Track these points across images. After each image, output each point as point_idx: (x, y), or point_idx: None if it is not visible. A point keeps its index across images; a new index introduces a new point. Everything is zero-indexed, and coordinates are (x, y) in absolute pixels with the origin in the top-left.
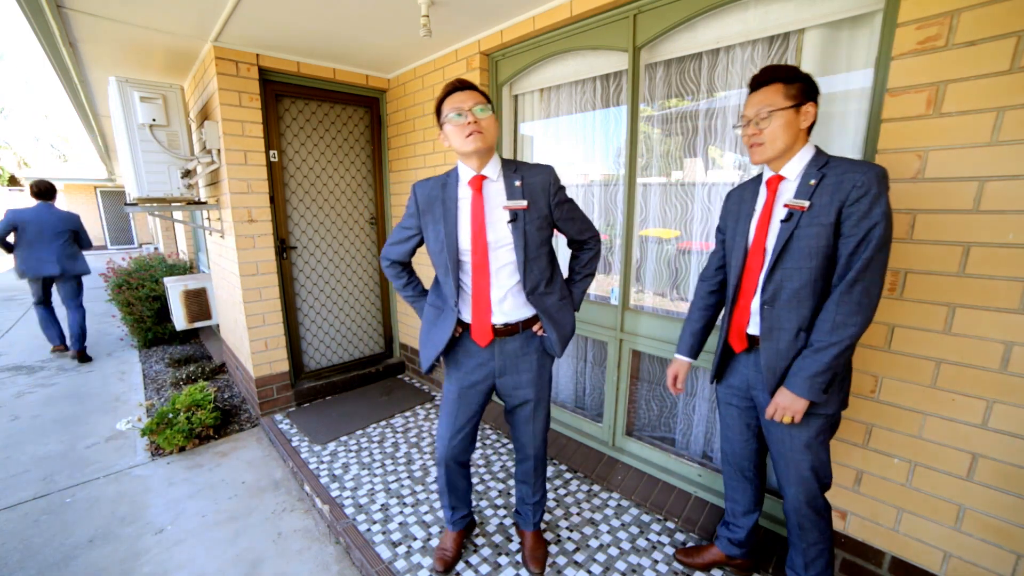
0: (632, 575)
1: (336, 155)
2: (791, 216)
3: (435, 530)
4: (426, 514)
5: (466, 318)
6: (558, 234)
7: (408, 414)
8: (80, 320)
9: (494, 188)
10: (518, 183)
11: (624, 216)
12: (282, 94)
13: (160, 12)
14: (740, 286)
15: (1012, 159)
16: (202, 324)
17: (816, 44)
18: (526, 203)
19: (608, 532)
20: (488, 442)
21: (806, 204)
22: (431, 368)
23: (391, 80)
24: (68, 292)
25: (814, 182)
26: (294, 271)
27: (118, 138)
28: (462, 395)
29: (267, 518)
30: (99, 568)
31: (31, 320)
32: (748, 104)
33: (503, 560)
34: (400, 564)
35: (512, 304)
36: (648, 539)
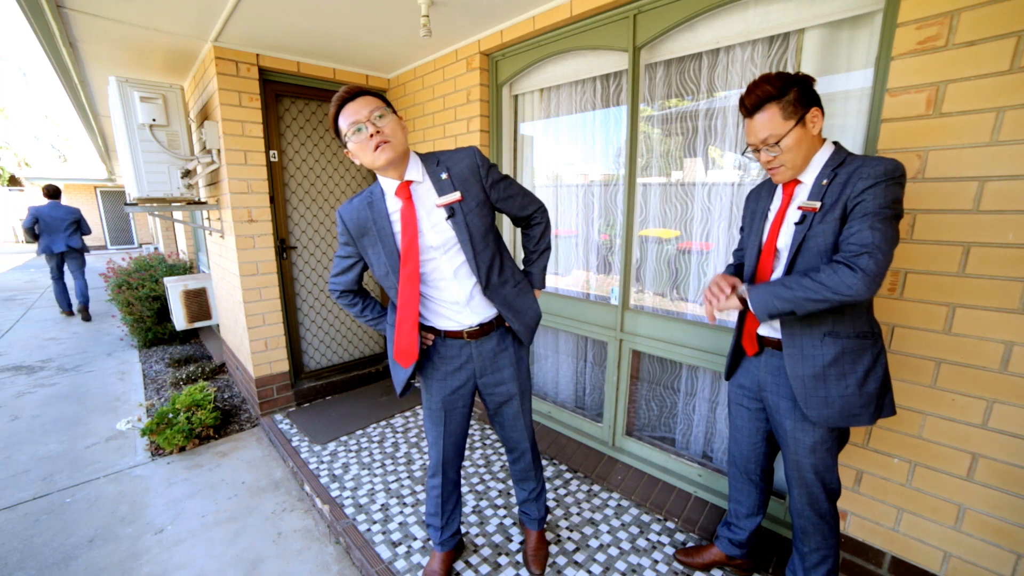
0: (632, 575)
1: (336, 155)
2: (804, 219)
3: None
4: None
5: (439, 324)
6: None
7: (408, 414)
8: (83, 287)
9: (423, 189)
10: (444, 175)
11: (624, 216)
12: (282, 94)
13: (160, 12)
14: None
15: (1012, 159)
16: (202, 324)
17: (816, 44)
18: (459, 194)
19: (608, 532)
20: (488, 442)
21: (817, 205)
22: (405, 390)
23: (391, 80)
24: (74, 266)
25: (826, 182)
26: (294, 271)
27: (118, 138)
28: (446, 403)
29: (267, 518)
30: (99, 568)
31: (31, 320)
32: (749, 131)
33: (503, 560)
34: (400, 564)
35: (479, 302)
36: (648, 539)
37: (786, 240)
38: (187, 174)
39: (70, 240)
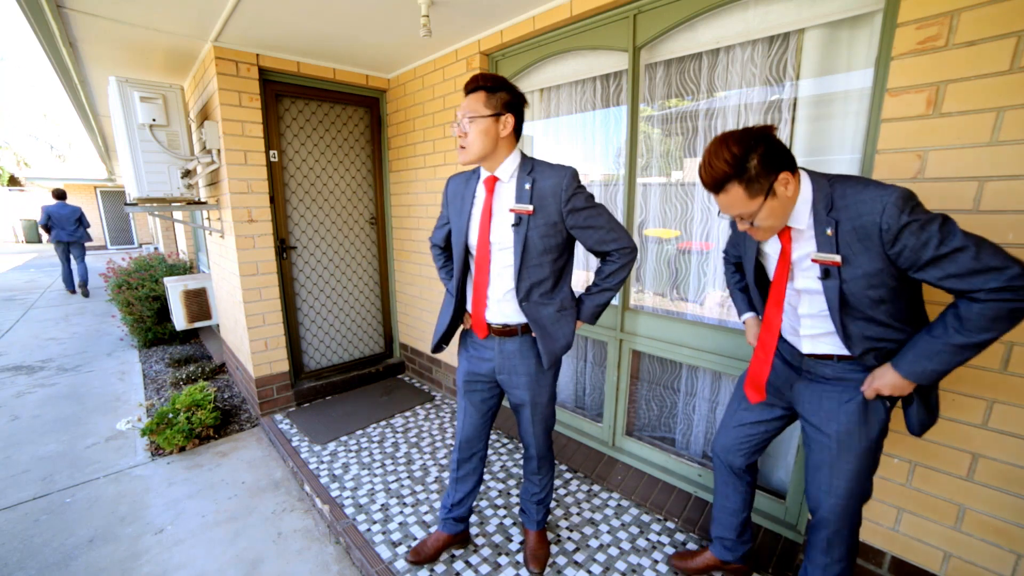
0: (632, 575)
1: (336, 155)
2: (828, 273)
3: (435, 530)
4: (426, 514)
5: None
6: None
7: (408, 414)
8: (84, 270)
9: (505, 189)
10: (528, 186)
11: (624, 216)
12: (282, 94)
13: (160, 12)
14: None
15: (1012, 159)
16: (202, 324)
17: (816, 44)
18: (532, 208)
19: (608, 532)
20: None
21: (838, 259)
22: (436, 348)
23: (391, 80)
24: (77, 253)
25: (831, 232)
26: (294, 271)
27: (118, 138)
28: (466, 384)
29: (267, 518)
30: (99, 568)
31: (31, 320)
32: (720, 205)
33: (503, 560)
34: (400, 564)
35: (512, 307)
36: (648, 539)
37: (808, 286)
38: (187, 174)
39: (75, 233)
